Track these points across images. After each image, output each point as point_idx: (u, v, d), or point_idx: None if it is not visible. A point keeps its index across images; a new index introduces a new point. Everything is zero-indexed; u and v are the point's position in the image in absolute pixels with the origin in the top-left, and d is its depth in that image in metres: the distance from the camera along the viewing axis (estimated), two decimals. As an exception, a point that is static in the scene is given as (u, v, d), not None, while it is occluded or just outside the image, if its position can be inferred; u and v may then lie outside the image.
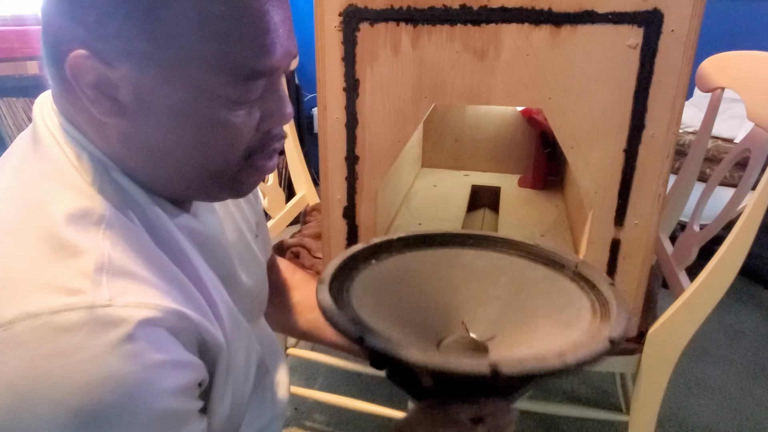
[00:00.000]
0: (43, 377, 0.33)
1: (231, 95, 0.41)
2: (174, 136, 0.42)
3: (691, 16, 0.70)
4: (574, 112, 0.79)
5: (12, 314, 0.34)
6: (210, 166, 0.44)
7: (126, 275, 0.38)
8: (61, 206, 0.39)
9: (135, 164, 0.44)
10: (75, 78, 0.39)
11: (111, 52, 0.39)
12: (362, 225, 0.94)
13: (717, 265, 0.81)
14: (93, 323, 0.35)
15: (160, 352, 0.37)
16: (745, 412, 1.38)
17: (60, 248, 0.37)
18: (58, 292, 0.35)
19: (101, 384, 0.34)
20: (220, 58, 0.39)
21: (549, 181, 1.34)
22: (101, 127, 0.43)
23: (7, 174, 0.43)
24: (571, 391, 1.45)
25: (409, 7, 0.79)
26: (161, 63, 0.39)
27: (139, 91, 0.40)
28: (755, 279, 1.93)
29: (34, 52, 1.71)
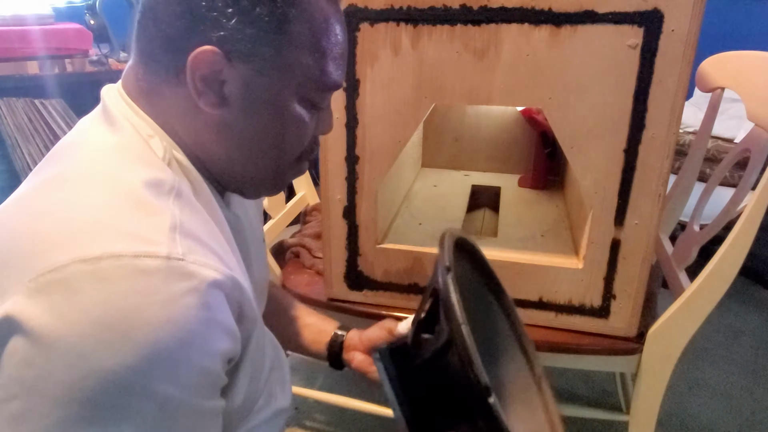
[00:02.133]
0: (117, 310, 0.37)
1: (315, 100, 0.52)
2: (264, 127, 0.50)
3: (691, 16, 0.70)
4: (574, 112, 0.79)
5: (98, 252, 0.38)
6: (280, 158, 0.53)
7: (194, 239, 0.43)
8: (138, 174, 0.44)
9: (213, 153, 0.50)
10: (192, 70, 0.45)
11: (238, 53, 0.46)
12: (362, 225, 0.94)
13: (717, 265, 0.81)
14: (168, 272, 0.39)
15: (217, 312, 0.42)
16: (745, 412, 1.38)
17: (140, 206, 0.42)
18: (139, 240, 0.39)
19: (163, 326, 0.38)
20: (318, 70, 0.50)
21: (549, 181, 1.34)
22: (192, 117, 0.48)
23: (83, 147, 0.47)
24: (571, 391, 1.45)
25: (409, 7, 0.79)
26: (276, 67, 0.48)
27: (248, 88, 0.47)
28: (755, 279, 1.93)
29: (34, 52, 1.71)
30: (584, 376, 1.49)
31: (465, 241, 0.63)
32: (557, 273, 0.89)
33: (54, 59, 1.75)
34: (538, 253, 0.96)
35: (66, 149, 0.49)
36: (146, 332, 0.37)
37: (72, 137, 0.50)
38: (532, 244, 1.01)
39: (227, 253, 0.47)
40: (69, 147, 0.49)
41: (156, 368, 0.38)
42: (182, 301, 0.39)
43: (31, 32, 1.70)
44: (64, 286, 0.37)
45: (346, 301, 1.02)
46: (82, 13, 1.88)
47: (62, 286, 0.37)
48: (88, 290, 0.37)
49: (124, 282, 0.37)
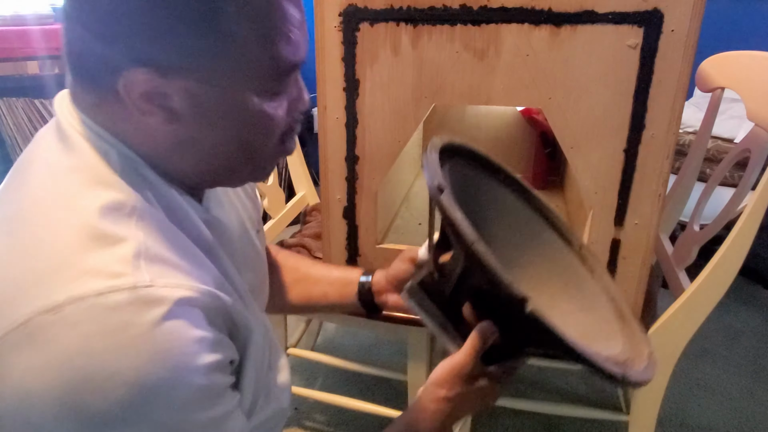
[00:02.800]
0: (99, 353, 0.36)
1: (273, 89, 0.46)
2: (225, 134, 0.46)
3: (691, 16, 0.70)
4: (574, 112, 0.79)
5: (60, 298, 0.36)
6: (252, 155, 0.48)
7: (162, 261, 0.41)
8: (95, 199, 0.41)
9: (176, 164, 0.47)
10: (128, 92, 0.42)
11: (171, 67, 0.41)
12: (362, 225, 0.94)
13: (717, 265, 0.81)
14: (137, 302, 0.37)
15: (198, 329, 0.40)
16: (745, 412, 1.38)
17: (98, 238, 0.39)
18: (101, 276, 0.37)
19: (150, 358, 0.37)
20: (268, 58, 0.44)
21: (549, 181, 1.34)
22: (145, 133, 0.45)
23: (38, 171, 0.45)
24: (571, 391, 1.45)
25: (409, 7, 0.79)
26: (219, 72, 0.42)
27: (195, 99, 0.43)
28: (755, 279, 1.93)
29: (34, 52, 1.71)
30: (584, 376, 1.49)
31: (449, 144, 0.58)
32: (557, 273, 0.89)
33: (54, 59, 1.75)
34: (538, 253, 0.96)
35: (23, 170, 0.46)
36: (131, 369, 0.36)
37: (30, 153, 0.47)
38: (532, 244, 1.01)
39: (203, 265, 0.45)
40: (26, 168, 0.46)
41: (150, 400, 0.37)
42: (159, 329, 0.37)
43: (31, 32, 1.70)
44: (34, 339, 0.36)
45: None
46: (82, 13, 1.88)
47: (32, 340, 0.36)
48: (58, 341, 0.36)
49: (95, 324, 0.36)
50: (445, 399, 0.57)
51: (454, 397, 0.56)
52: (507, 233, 0.63)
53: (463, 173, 0.59)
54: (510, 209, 0.65)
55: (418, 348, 1.04)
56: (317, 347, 1.58)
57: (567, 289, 0.62)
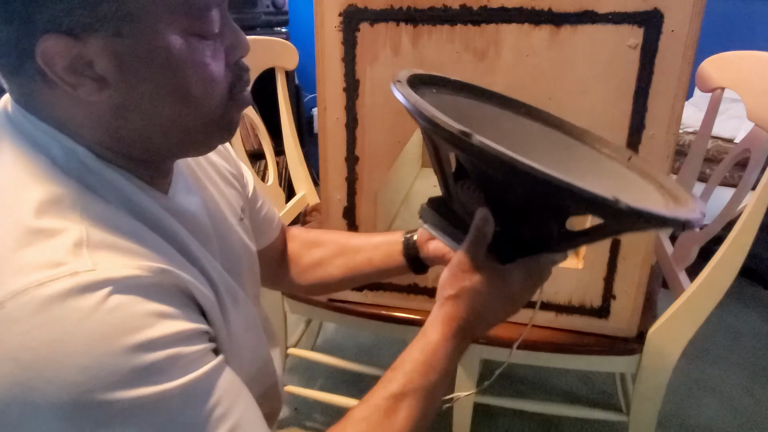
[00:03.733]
0: (44, 345, 0.35)
1: (199, 29, 0.43)
2: (160, 88, 0.43)
3: (691, 16, 0.70)
4: (574, 112, 0.79)
5: (1, 296, 0.35)
6: (198, 108, 0.45)
7: (107, 246, 0.39)
8: (32, 194, 0.40)
9: (126, 138, 0.44)
10: (50, 67, 0.39)
11: (78, 26, 0.39)
12: (362, 225, 0.94)
13: (717, 265, 0.81)
14: (78, 287, 0.36)
15: (149, 303, 0.39)
16: (745, 412, 1.38)
17: (36, 232, 0.38)
18: (40, 268, 0.36)
19: (99, 338, 0.36)
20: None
21: (549, 181, 1.34)
22: (84, 112, 0.43)
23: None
24: (571, 391, 1.45)
25: (409, 7, 0.79)
26: (128, 19, 0.40)
27: (115, 57, 0.41)
28: (755, 279, 1.93)
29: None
30: (584, 376, 1.49)
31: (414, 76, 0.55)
32: (557, 273, 0.89)
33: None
34: (538, 253, 0.96)
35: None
36: (81, 353, 0.35)
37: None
38: (532, 244, 1.01)
39: (158, 247, 0.43)
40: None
41: (109, 380, 0.36)
42: (103, 308, 0.36)
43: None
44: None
45: (346, 302, 1.02)
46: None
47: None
48: (4, 337, 0.35)
49: (37, 316, 0.35)
50: (452, 298, 0.53)
51: (461, 293, 0.53)
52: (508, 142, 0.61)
53: (440, 98, 0.57)
54: (501, 119, 0.62)
55: (418, 348, 1.04)
56: (317, 347, 1.58)
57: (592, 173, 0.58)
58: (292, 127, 1.36)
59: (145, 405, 0.37)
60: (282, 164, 2.04)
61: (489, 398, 1.09)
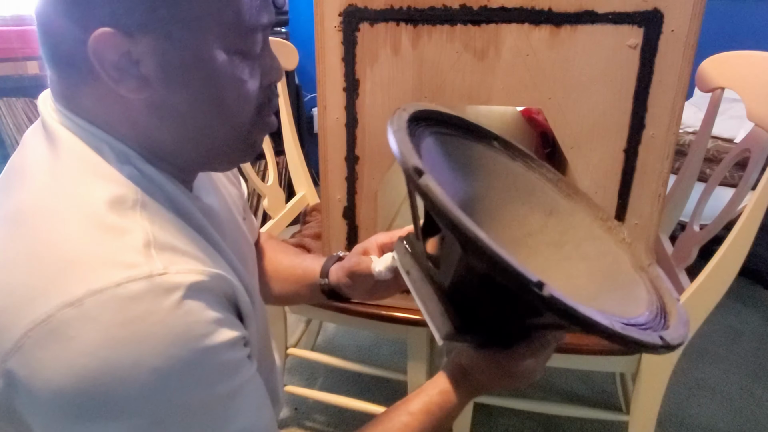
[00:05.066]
0: (121, 343, 0.37)
1: (243, 48, 0.46)
2: (197, 96, 0.45)
3: (691, 16, 0.70)
4: (574, 112, 0.79)
5: (80, 292, 0.37)
6: (231, 124, 0.48)
7: (170, 248, 0.42)
8: (98, 194, 0.42)
9: (159, 140, 0.47)
10: (99, 59, 0.41)
11: (134, 25, 0.41)
12: (362, 225, 0.94)
13: (717, 265, 0.81)
14: (155, 290, 0.38)
15: (212, 310, 0.41)
16: (745, 412, 1.38)
17: (107, 230, 0.40)
18: (116, 267, 0.38)
19: (171, 342, 0.38)
20: (232, 12, 0.44)
21: (549, 181, 1.34)
22: (123, 109, 0.45)
23: (34, 173, 0.45)
24: (571, 391, 1.45)
25: (409, 7, 0.79)
26: (182, 25, 0.42)
27: (161, 60, 0.43)
28: (755, 279, 1.93)
29: (33, 52, 1.71)
30: (584, 376, 1.49)
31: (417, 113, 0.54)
32: (557, 273, 0.89)
33: (54, 59, 1.75)
34: (538, 253, 0.96)
35: (17, 175, 0.46)
36: (154, 355, 0.37)
37: (20, 159, 0.47)
38: (532, 244, 1.01)
39: (205, 249, 0.46)
40: (20, 173, 0.46)
41: (175, 382, 0.38)
42: (177, 314, 0.39)
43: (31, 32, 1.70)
44: (58, 335, 0.36)
45: (347, 301, 1.02)
46: (82, 13, 1.88)
47: (56, 335, 0.36)
48: (82, 334, 0.36)
49: (116, 315, 0.37)
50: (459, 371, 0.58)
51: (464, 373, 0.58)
52: (495, 190, 0.60)
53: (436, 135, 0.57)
54: (493, 164, 0.62)
55: (418, 348, 1.04)
56: (317, 347, 1.58)
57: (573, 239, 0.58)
58: (292, 127, 1.36)
59: (198, 407, 0.40)
60: (282, 164, 2.04)
61: (489, 398, 1.09)
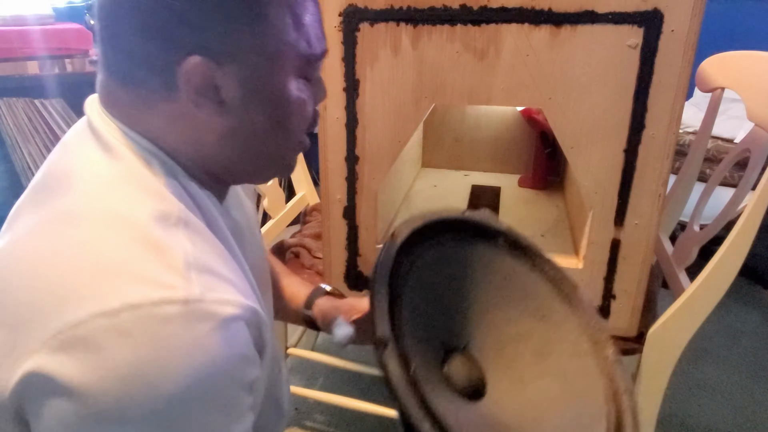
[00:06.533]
0: (147, 363, 0.37)
1: (308, 74, 0.50)
2: (268, 119, 0.48)
3: (691, 16, 0.70)
4: (574, 112, 0.79)
5: (116, 303, 0.37)
6: (287, 142, 0.51)
7: (208, 272, 0.42)
8: (144, 208, 0.43)
9: (215, 157, 0.48)
10: (186, 85, 0.44)
11: (223, 54, 0.44)
12: (362, 225, 0.94)
13: (717, 265, 0.81)
14: (188, 316, 0.38)
15: (239, 346, 0.42)
16: (745, 412, 1.38)
17: (151, 245, 0.41)
18: (155, 285, 0.39)
19: (194, 372, 0.38)
20: (304, 43, 0.48)
21: (549, 181, 1.34)
22: (191, 130, 0.46)
23: (84, 179, 0.45)
24: (571, 391, 1.45)
25: (409, 7, 0.79)
26: (265, 56, 0.46)
27: (244, 86, 0.46)
28: (755, 279, 1.93)
29: (34, 52, 1.71)
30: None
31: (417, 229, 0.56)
32: (557, 273, 0.89)
33: (54, 59, 1.75)
34: (538, 253, 0.96)
35: (63, 179, 0.46)
36: (174, 381, 0.37)
37: (66, 164, 0.48)
38: (532, 244, 1.01)
39: (237, 274, 0.46)
40: (66, 177, 0.46)
41: (186, 410, 0.38)
42: (206, 344, 0.39)
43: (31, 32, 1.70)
44: (87, 343, 0.37)
45: None
46: (82, 13, 1.88)
47: (85, 343, 0.37)
48: (112, 346, 0.37)
49: (147, 334, 0.37)
50: None
51: None
52: (489, 292, 0.60)
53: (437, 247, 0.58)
54: (492, 266, 0.61)
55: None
56: (317, 347, 1.58)
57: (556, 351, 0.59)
58: (292, 127, 1.36)
59: None
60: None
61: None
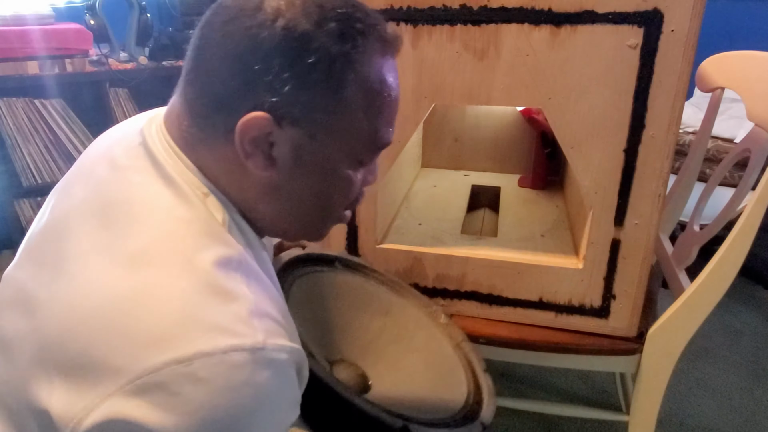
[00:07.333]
0: (221, 407, 0.39)
1: (364, 159, 0.52)
2: (311, 189, 0.50)
3: (691, 16, 0.70)
4: (574, 112, 0.79)
5: (191, 352, 0.39)
6: (325, 214, 0.54)
7: (267, 317, 0.44)
8: (209, 253, 0.44)
9: (257, 209, 0.50)
10: (241, 133, 0.45)
11: (290, 117, 0.45)
12: (362, 225, 0.94)
13: (717, 265, 0.81)
14: (254, 363, 0.41)
15: (291, 390, 0.46)
16: (745, 412, 1.38)
17: (217, 293, 0.43)
18: (225, 334, 0.41)
19: (261, 415, 0.41)
20: (372, 132, 0.49)
21: (549, 181, 1.34)
22: (239, 177, 0.48)
23: (150, 216, 0.46)
24: (571, 391, 1.45)
25: (409, 7, 0.79)
26: (328, 132, 0.47)
27: (297, 151, 0.47)
28: (755, 279, 1.93)
29: (34, 52, 1.71)
30: (584, 376, 1.49)
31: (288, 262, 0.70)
32: (557, 273, 0.89)
33: (54, 59, 1.75)
34: (538, 253, 0.96)
35: (128, 212, 0.46)
36: (245, 423, 0.40)
37: (127, 193, 0.47)
38: (532, 244, 1.01)
39: (285, 313, 0.49)
40: (130, 210, 0.46)
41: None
42: (268, 389, 0.42)
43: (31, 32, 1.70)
44: (163, 388, 0.39)
45: None
46: (82, 13, 1.88)
47: (161, 388, 0.39)
48: (187, 392, 0.39)
49: (219, 380, 0.39)
50: None
51: None
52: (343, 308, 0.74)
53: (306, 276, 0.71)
54: (339, 286, 0.75)
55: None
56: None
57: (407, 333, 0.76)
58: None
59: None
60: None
61: (489, 398, 1.09)
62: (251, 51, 0.44)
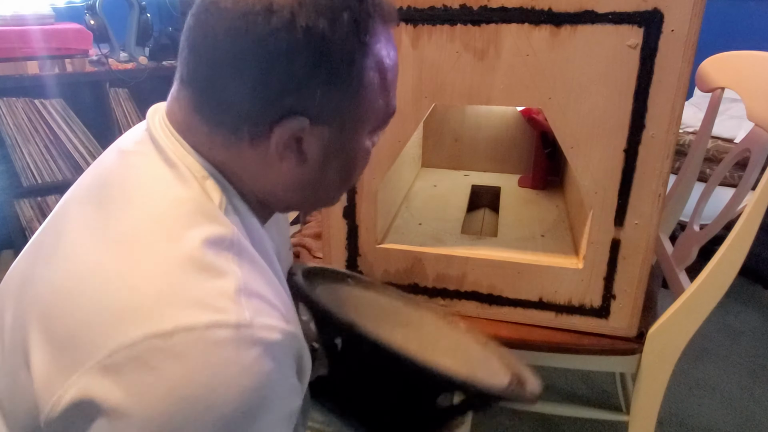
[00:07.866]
0: (199, 385, 0.38)
1: (378, 129, 0.53)
2: (338, 170, 0.51)
3: (691, 16, 0.70)
4: (574, 112, 0.79)
5: (170, 326, 0.38)
6: (346, 186, 0.55)
7: (258, 297, 0.43)
8: (200, 231, 0.43)
9: (277, 194, 0.51)
10: (279, 138, 0.46)
11: (319, 117, 0.46)
12: (362, 225, 0.94)
13: (717, 265, 0.81)
14: (238, 341, 0.39)
15: (285, 373, 0.43)
16: (745, 412, 1.38)
17: (204, 269, 0.42)
18: (207, 309, 0.40)
19: (247, 395, 0.39)
20: (386, 104, 0.51)
21: (549, 181, 1.34)
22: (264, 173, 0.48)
23: (145, 195, 0.46)
24: (571, 391, 1.45)
25: (409, 7, 0.79)
26: (356, 119, 0.49)
27: (325, 144, 0.48)
28: (755, 279, 1.93)
29: (34, 52, 1.71)
30: (584, 376, 1.49)
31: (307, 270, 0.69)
32: (557, 273, 0.89)
33: (54, 59, 1.75)
34: (538, 253, 0.96)
35: (123, 191, 0.47)
36: (227, 403, 0.38)
37: (126, 174, 0.48)
38: (532, 244, 1.01)
39: (281, 298, 0.47)
40: (126, 189, 0.47)
41: (233, 430, 0.39)
42: (255, 369, 0.40)
43: (31, 32, 1.70)
44: (140, 363, 0.37)
45: None
46: (82, 13, 1.88)
47: (138, 363, 0.37)
48: (164, 367, 0.37)
49: (199, 356, 0.38)
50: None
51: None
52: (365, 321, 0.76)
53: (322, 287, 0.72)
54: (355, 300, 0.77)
55: (418, 348, 1.04)
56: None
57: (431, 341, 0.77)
58: (292, 127, 1.36)
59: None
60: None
61: (489, 398, 1.09)
62: (272, 61, 0.43)
